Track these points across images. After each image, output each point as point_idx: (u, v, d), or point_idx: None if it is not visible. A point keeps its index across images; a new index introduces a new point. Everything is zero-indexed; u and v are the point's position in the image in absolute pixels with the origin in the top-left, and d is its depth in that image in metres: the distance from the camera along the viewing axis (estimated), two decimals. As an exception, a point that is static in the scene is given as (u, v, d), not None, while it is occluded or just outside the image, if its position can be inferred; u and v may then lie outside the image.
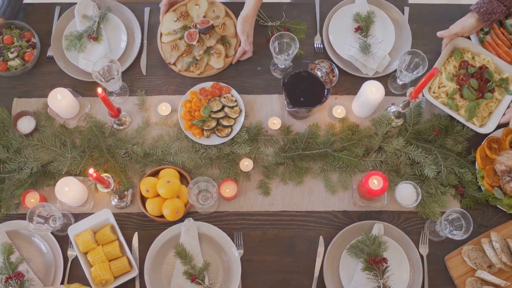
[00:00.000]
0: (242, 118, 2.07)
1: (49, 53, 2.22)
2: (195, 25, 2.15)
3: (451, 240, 1.91)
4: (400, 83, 2.11)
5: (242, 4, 2.16)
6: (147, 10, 2.28)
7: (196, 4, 2.19)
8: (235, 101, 2.09)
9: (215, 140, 2.05)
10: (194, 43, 2.13)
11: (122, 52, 2.19)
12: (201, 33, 2.16)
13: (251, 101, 2.14)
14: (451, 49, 2.10)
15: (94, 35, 2.18)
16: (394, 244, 1.93)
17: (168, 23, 2.18)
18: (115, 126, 2.09)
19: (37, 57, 2.15)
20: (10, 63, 2.12)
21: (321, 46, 2.21)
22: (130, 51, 2.21)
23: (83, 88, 2.17)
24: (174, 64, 2.15)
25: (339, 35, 2.20)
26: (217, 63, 2.14)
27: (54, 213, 1.88)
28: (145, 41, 2.23)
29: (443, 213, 1.92)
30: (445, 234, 1.87)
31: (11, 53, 2.12)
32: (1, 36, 2.16)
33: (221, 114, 2.07)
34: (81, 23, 2.21)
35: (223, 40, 2.17)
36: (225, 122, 2.05)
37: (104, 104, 1.88)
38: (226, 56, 2.16)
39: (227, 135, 2.05)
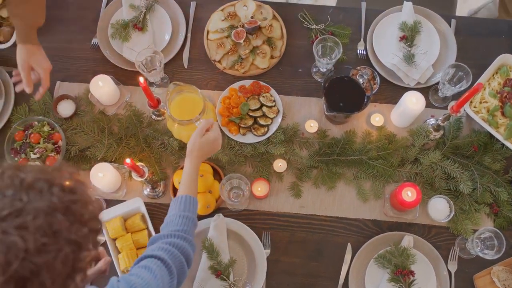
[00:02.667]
0: (279, 119, 2.07)
1: (94, 40, 2.25)
2: (243, 25, 2.17)
3: (481, 259, 1.87)
4: (442, 95, 2.08)
5: (290, 6, 2.17)
6: (193, 4, 2.30)
7: (244, 5, 2.21)
8: (274, 101, 2.09)
9: (250, 138, 2.06)
10: (241, 42, 2.14)
11: (165, 44, 2.21)
12: (248, 33, 2.17)
13: (290, 102, 2.14)
14: (498, 65, 2.06)
15: (140, 25, 2.21)
16: (423, 258, 1.91)
17: (215, 22, 2.20)
18: (153, 116, 2.12)
19: (58, 163, 2.02)
20: (30, 163, 2.01)
21: (364, 53, 2.20)
22: (173, 43, 2.22)
23: (124, 76, 2.19)
24: (219, 61, 2.16)
25: (383, 43, 2.18)
26: (262, 63, 2.14)
27: (87, 197, 1.91)
28: (189, 35, 2.24)
29: (475, 231, 1.89)
30: (476, 252, 1.84)
31: (34, 153, 2.02)
32: (29, 131, 2.05)
33: (258, 113, 2.07)
34: (128, 13, 2.23)
35: (269, 41, 2.17)
36: (262, 121, 2.06)
37: (145, 94, 1.90)
38: (271, 57, 2.16)
39: (263, 134, 2.05)
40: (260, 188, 1.98)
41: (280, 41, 2.18)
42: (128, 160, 1.72)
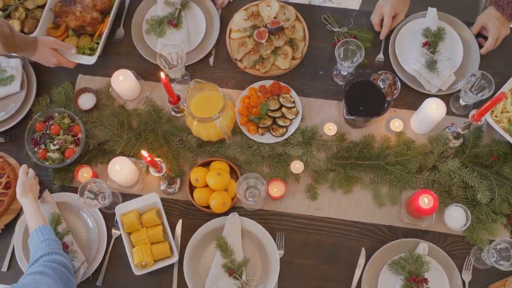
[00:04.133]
0: (298, 120, 2.07)
1: (118, 35, 2.26)
2: (265, 25, 2.17)
3: (496, 269, 1.86)
4: (463, 103, 2.06)
5: (313, 7, 2.17)
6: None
7: (268, 5, 2.21)
8: (293, 102, 2.09)
9: (269, 139, 2.06)
10: (263, 41, 2.14)
11: (199, 42, 2.22)
12: (270, 33, 2.17)
13: (309, 104, 2.13)
14: (521, 75, 2.05)
15: (175, 22, 2.22)
16: (437, 266, 1.90)
17: (238, 21, 2.21)
18: (172, 113, 2.12)
19: (76, 156, 2.04)
20: (49, 154, 2.04)
21: (382, 64, 2.19)
22: (206, 42, 2.23)
23: (145, 72, 2.21)
24: (240, 60, 2.16)
25: (406, 49, 2.17)
26: (283, 64, 2.14)
27: (104, 190, 1.92)
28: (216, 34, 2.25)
29: (491, 241, 1.87)
30: (491, 263, 1.82)
31: (54, 145, 2.04)
32: (50, 122, 2.07)
33: (278, 114, 2.07)
34: (163, 9, 2.24)
35: (291, 42, 2.17)
36: (281, 122, 2.06)
37: (165, 90, 1.91)
38: (293, 58, 2.15)
39: (282, 135, 2.05)
40: (276, 188, 1.98)
41: (302, 43, 2.18)
42: (145, 153, 1.73)
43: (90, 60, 2.15)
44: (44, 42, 2.06)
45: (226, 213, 1.98)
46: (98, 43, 2.18)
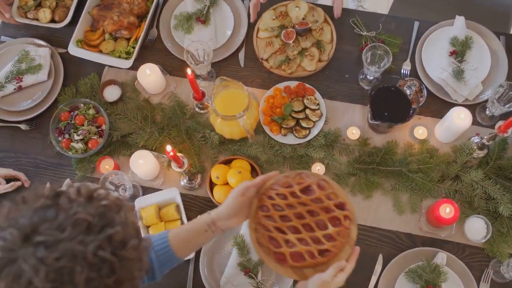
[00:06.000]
0: (321, 123, 2.07)
1: (151, 35, 2.27)
2: (293, 26, 2.16)
3: (514, 284, 1.84)
4: (489, 114, 2.04)
5: (342, 10, 2.17)
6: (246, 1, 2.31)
7: (297, 6, 2.20)
8: (318, 104, 2.08)
9: (291, 140, 2.05)
10: (290, 42, 2.14)
11: (226, 39, 2.23)
12: (298, 34, 2.16)
13: (334, 107, 2.13)
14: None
15: (203, 19, 2.22)
16: (454, 277, 1.88)
17: (266, 20, 2.20)
18: (196, 109, 2.13)
19: (99, 147, 2.06)
20: (73, 144, 2.06)
21: (408, 73, 2.16)
22: (234, 39, 2.23)
23: (171, 67, 2.21)
24: (267, 60, 2.16)
25: (432, 57, 2.15)
26: (309, 66, 2.14)
27: (125, 182, 1.94)
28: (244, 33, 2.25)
29: (511, 255, 1.85)
30: (510, 276, 1.80)
31: (78, 135, 2.07)
32: (75, 112, 2.09)
33: (301, 115, 2.07)
34: (192, 5, 2.25)
35: (318, 44, 2.17)
36: (304, 124, 2.05)
37: (191, 86, 1.91)
38: (319, 60, 2.15)
39: (304, 137, 2.05)
40: (296, 190, 1.98)
41: (329, 45, 2.17)
42: (169, 148, 1.74)
43: (126, 64, 2.16)
44: None
45: (244, 212, 1.97)
46: (134, 47, 2.20)
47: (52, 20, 2.26)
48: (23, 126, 2.15)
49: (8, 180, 2.07)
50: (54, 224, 1.00)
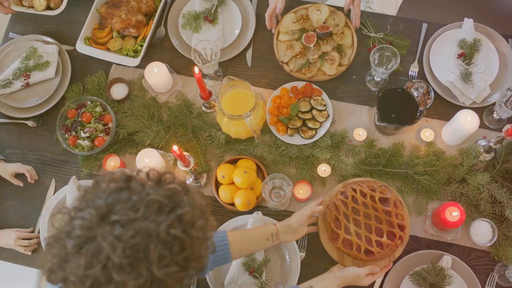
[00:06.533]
0: (328, 123, 2.06)
1: (158, 34, 2.27)
2: (314, 29, 2.16)
3: (520, 288, 1.84)
4: (497, 117, 2.03)
5: (348, 11, 2.16)
6: (255, 1, 2.30)
7: (318, 10, 2.20)
8: (325, 105, 2.08)
9: (297, 140, 2.05)
10: (311, 46, 2.13)
11: (234, 39, 2.22)
12: (319, 38, 2.16)
13: (340, 108, 2.13)
14: (557, 92, 2.01)
15: (211, 18, 2.22)
16: (459, 280, 1.87)
17: (286, 23, 2.20)
18: (203, 108, 2.13)
19: (106, 145, 2.07)
20: (79, 141, 2.06)
21: (416, 75, 2.16)
22: (241, 39, 2.23)
23: (178, 65, 2.22)
24: (287, 63, 2.15)
25: (440, 59, 2.14)
26: (329, 70, 2.13)
27: (131, 180, 1.93)
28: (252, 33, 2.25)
29: (517, 259, 1.85)
30: (516, 280, 1.80)
31: (84, 132, 2.06)
32: (82, 110, 2.11)
33: (308, 116, 2.06)
34: (200, 4, 2.25)
35: (338, 48, 2.16)
36: (310, 124, 2.05)
37: (198, 85, 1.92)
38: (340, 64, 2.14)
39: (311, 137, 2.05)
40: (302, 190, 1.98)
41: (350, 49, 2.16)
42: (175, 148, 1.74)
43: (133, 62, 2.17)
44: None
45: (250, 212, 1.97)
46: (141, 46, 2.20)
47: (48, 8, 2.26)
48: (30, 123, 2.16)
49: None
50: (128, 205, 1.07)
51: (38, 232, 2.03)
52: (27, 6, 2.25)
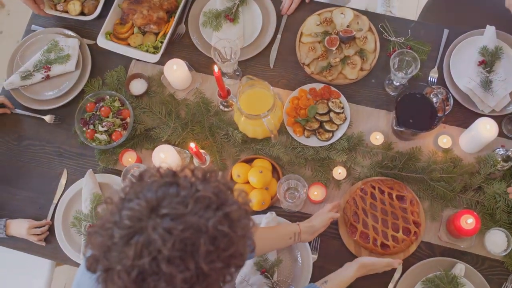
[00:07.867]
0: (345, 126, 2.06)
1: (179, 31, 2.28)
2: (337, 33, 2.15)
3: (534, 299, 1.82)
4: (516, 126, 2.02)
5: (370, 14, 2.15)
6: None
7: (342, 13, 2.19)
8: (342, 108, 2.08)
9: (314, 142, 2.05)
10: (333, 49, 2.13)
11: (254, 38, 2.23)
12: (341, 41, 2.15)
13: (358, 111, 2.12)
14: None
15: (232, 17, 2.23)
16: (472, 289, 1.87)
17: (310, 25, 2.20)
18: (221, 106, 2.14)
19: (123, 140, 2.08)
20: (97, 135, 2.08)
21: (435, 81, 2.14)
22: (262, 39, 2.23)
23: (198, 63, 2.22)
24: (308, 65, 2.15)
25: (461, 65, 2.13)
26: (351, 74, 2.13)
27: (146, 176, 1.94)
28: (279, 35, 2.25)
29: (531, 270, 1.84)
30: (529, 291, 1.78)
31: (102, 126, 2.07)
32: (100, 104, 2.12)
33: (325, 118, 2.06)
34: (221, 3, 2.26)
35: (361, 53, 2.15)
36: (328, 127, 2.05)
37: (217, 83, 1.92)
38: (361, 69, 2.14)
39: (327, 140, 2.04)
40: (316, 192, 1.98)
41: (372, 55, 2.15)
42: (192, 145, 1.75)
43: (153, 58, 2.18)
44: None
45: (263, 212, 1.97)
46: (162, 42, 2.21)
47: (82, 13, 2.28)
48: (47, 119, 2.18)
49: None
50: (177, 199, 1.08)
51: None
52: (61, 10, 2.28)
